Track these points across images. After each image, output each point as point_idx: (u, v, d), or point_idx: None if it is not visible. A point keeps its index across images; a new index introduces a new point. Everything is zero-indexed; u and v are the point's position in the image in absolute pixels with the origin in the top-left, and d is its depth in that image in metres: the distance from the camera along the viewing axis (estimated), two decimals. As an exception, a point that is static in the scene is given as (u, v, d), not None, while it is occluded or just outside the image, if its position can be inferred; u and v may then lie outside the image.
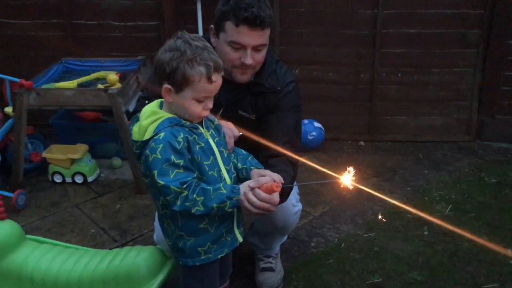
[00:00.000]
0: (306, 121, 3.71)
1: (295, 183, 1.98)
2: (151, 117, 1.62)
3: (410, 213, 2.90)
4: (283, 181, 1.67)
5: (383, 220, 2.85)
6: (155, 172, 1.54)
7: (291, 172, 1.89)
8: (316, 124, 3.70)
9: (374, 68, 3.68)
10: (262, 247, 2.36)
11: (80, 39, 3.87)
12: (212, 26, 1.95)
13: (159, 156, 1.53)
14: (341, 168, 1.66)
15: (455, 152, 3.69)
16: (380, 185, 3.26)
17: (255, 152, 1.95)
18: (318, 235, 2.75)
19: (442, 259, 2.51)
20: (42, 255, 2.24)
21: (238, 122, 1.97)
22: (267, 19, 1.82)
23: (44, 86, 3.23)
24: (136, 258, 2.09)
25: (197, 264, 1.71)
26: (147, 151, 1.56)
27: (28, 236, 2.39)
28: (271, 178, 1.65)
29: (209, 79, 1.56)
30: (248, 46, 1.84)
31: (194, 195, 1.55)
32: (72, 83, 3.20)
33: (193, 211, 1.57)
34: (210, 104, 1.64)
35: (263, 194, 1.60)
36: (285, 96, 2.01)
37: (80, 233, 2.80)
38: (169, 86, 1.59)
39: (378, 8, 3.52)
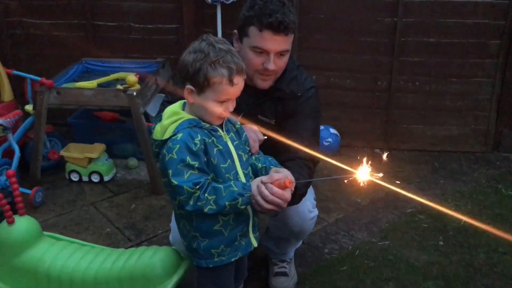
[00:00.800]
0: (322, 127, 3.69)
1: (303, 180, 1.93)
2: (172, 117, 1.64)
3: (425, 222, 2.89)
4: (292, 177, 1.67)
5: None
6: (170, 171, 1.56)
7: (305, 175, 1.89)
8: (332, 131, 3.70)
9: (392, 76, 3.67)
10: (276, 252, 2.36)
11: (101, 40, 3.92)
12: (235, 31, 1.96)
13: (175, 156, 1.55)
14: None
15: (471, 163, 3.66)
16: (394, 193, 3.23)
17: (274, 156, 1.96)
18: (332, 242, 2.74)
19: (458, 270, 2.48)
20: (59, 252, 2.27)
21: (258, 127, 1.98)
22: (291, 25, 1.84)
23: (64, 86, 3.28)
24: (152, 258, 2.11)
25: (210, 266, 1.72)
26: (164, 151, 1.58)
27: (45, 232, 2.43)
28: (285, 174, 1.66)
29: (231, 82, 1.58)
30: (271, 52, 1.85)
31: (206, 194, 1.57)
32: (92, 83, 3.24)
33: (205, 210, 1.58)
34: (231, 107, 1.66)
35: (275, 189, 1.60)
36: (305, 102, 2.02)
37: (95, 231, 2.83)
38: (191, 87, 1.61)
39: (397, 16, 3.51)
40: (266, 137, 1.95)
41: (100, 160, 3.32)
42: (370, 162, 1.65)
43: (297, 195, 1.82)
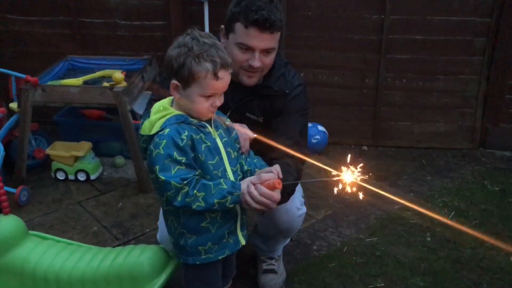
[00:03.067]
0: (310, 125, 3.69)
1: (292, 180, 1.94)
2: (159, 113, 1.63)
3: (413, 218, 2.90)
4: (281, 176, 1.66)
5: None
6: (157, 167, 1.55)
7: (294, 174, 1.88)
8: (320, 128, 3.70)
9: (379, 73, 3.68)
10: (265, 249, 2.35)
11: (87, 37, 3.88)
12: (222, 26, 1.95)
13: (162, 152, 1.54)
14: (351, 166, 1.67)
15: (458, 159, 3.69)
16: (382, 188, 3.24)
17: (262, 154, 1.95)
18: (320, 239, 2.75)
19: (445, 265, 2.50)
20: (45, 251, 2.24)
21: (246, 124, 1.97)
22: (277, 22, 1.82)
23: (50, 83, 3.24)
24: (139, 256, 2.09)
25: (197, 262, 1.71)
26: (151, 146, 1.57)
27: (31, 232, 2.39)
28: (274, 175, 1.64)
29: (216, 76, 1.57)
30: (256, 49, 1.84)
31: (195, 191, 1.55)
32: (77, 81, 3.20)
33: (193, 206, 1.57)
34: (218, 102, 1.64)
35: (264, 189, 1.60)
36: (293, 99, 2.01)
37: (82, 230, 2.80)
38: (176, 82, 1.59)
39: (385, 14, 3.52)
40: (255, 135, 1.94)
41: (86, 159, 3.28)
42: (352, 164, 1.64)
43: (285, 194, 1.82)
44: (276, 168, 1.68)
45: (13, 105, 3.20)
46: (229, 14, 1.88)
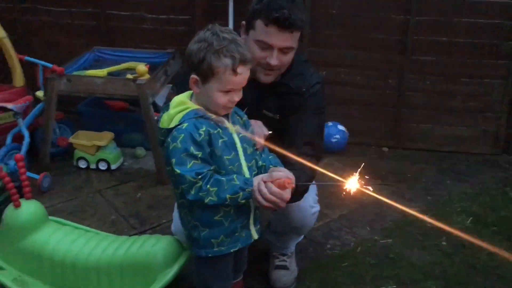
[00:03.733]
0: (330, 124, 3.70)
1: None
2: (179, 107, 1.65)
3: (429, 222, 2.87)
4: (293, 177, 1.68)
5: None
6: (174, 160, 1.58)
7: (308, 172, 1.89)
8: (340, 127, 3.69)
9: (402, 74, 3.64)
10: (277, 245, 2.37)
11: (113, 29, 3.95)
12: (243, 22, 1.96)
13: (179, 146, 1.57)
14: (361, 173, 1.67)
15: (480, 165, 3.63)
16: (401, 192, 3.24)
17: (276, 151, 1.96)
18: (334, 238, 2.74)
19: (459, 271, 2.47)
20: (63, 237, 2.30)
21: (263, 121, 1.98)
22: (297, 22, 1.82)
23: (75, 73, 3.31)
24: (154, 246, 2.13)
25: (209, 255, 1.74)
26: (169, 139, 1.60)
27: (50, 217, 2.46)
28: (286, 174, 1.66)
29: (234, 71, 1.58)
30: (275, 47, 1.84)
31: (208, 186, 1.58)
32: (102, 72, 3.27)
33: (206, 201, 1.59)
34: (237, 97, 1.66)
35: (274, 188, 1.61)
36: (309, 98, 2.01)
37: (100, 218, 2.86)
38: (196, 77, 1.61)
39: (410, 14, 3.48)
40: (270, 132, 1.96)
41: (108, 148, 3.35)
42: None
43: (298, 192, 1.82)
44: (287, 172, 1.69)
45: (40, 94, 3.28)
46: (250, 11, 1.89)
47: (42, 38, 4.04)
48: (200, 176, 1.57)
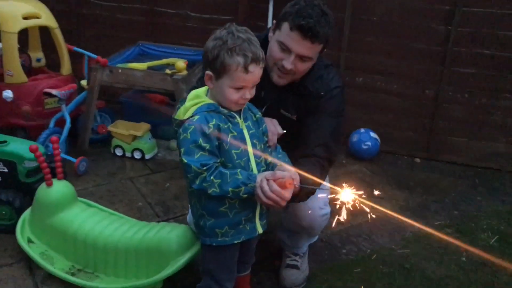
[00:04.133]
0: (362, 130, 3.69)
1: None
2: (194, 100, 1.73)
3: (452, 236, 2.83)
4: (298, 183, 1.73)
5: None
6: (183, 149, 1.66)
7: (317, 174, 1.92)
8: (372, 134, 3.67)
9: (440, 85, 3.58)
10: (289, 244, 2.40)
11: (159, 25, 4.10)
12: (274, 21, 2.02)
13: (189, 136, 1.64)
14: (389, 182, 1.68)
15: (515, 183, 3.51)
16: (426, 204, 3.18)
17: (292, 150, 2.01)
18: (351, 243, 2.75)
19: (474, 288, 2.43)
20: (88, 217, 2.44)
21: (280, 121, 2.04)
22: (320, 35, 1.86)
23: (119, 65, 3.47)
24: (168, 233, 2.23)
25: (214, 244, 1.81)
26: (180, 130, 1.68)
27: (80, 198, 2.62)
28: (289, 174, 1.70)
29: (246, 69, 1.64)
30: (293, 52, 1.89)
31: (212, 177, 1.65)
32: (142, 65, 3.42)
33: (209, 191, 1.66)
34: (248, 95, 1.71)
35: (275, 187, 1.66)
36: (328, 101, 2.04)
37: (128, 204, 2.99)
38: (210, 73, 1.69)
39: (452, 25, 3.42)
40: (285, 131, 2.00)
41: (143, 139, 3.50)
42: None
43: (304, 194, 1.86)
44: (294, 171, 1.74)
45: (84, 83, 3.48)
46: (282, 12, 1.95)
47: (94, 31, 4.26)
48: (205, 168, 1.64)
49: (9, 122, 3.39)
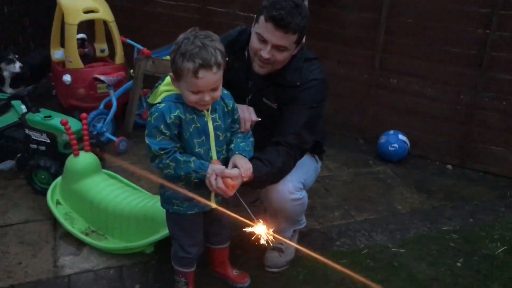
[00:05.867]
0: (391, 132, 3.68)
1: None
2: (166, 86, 1.90)
3: (455, 242, 2.77)
4: (249, 177, 1.90)
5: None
6: (146, 131, 1.85)
7: (278, 164, 2.06)
8: (401, 137, 3.64)
9: (476, 91, 3.46)
10: (274, 228, 2.52)
11: (210, 23, 4.39)
12: (255, 15, 2.19)
13: (152, 121, 1.83)
14: (411, 185, 1.77)
15: (551, 200, 3.30)
16: (442, 209, 3.12)
17: (270, 136, 2.16)
18: (347, 237, 2.80)
19: (457, 292, 2.38)
20: (106, 186, 2.78)
21: (262, 109, 2.20)
22: (292, 25, 1.98)
23: (164, 58, 3.81)
24: (162, 204, 2.48)
25: (170, 211, 2.02)
26: (149, 113, 1.89)
27: (104, 170, 2.97)
28: (239, 173, 1.87)
29: (195, 74, 1.72)
30: (269, 42, 2.03)
31: (168, 161, 1.83)
32: (182, 58, 3.71)
33: (165, 171, 1.86)
34: (208, 97, 1.79)
35: (220, 184, 1.84)
36: (303, 91, 2.15)
37: (152, 182, 3.27)
38: (172, 75, 1.83)
39: (490, 29, 3.30)
40: (259, 119, 2.15)
41: (181, 126, 3.79)
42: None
43: (257, 183, 2.02)
44: (244, 168, 1.89)
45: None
46: (260, 6, 2.11)
47: (153, 27, 4.66)
48: (163, 152, 1.82)
49: (69, 103, 3.88)
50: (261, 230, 1.84)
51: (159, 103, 1.87)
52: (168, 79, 1.94)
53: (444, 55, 3.51)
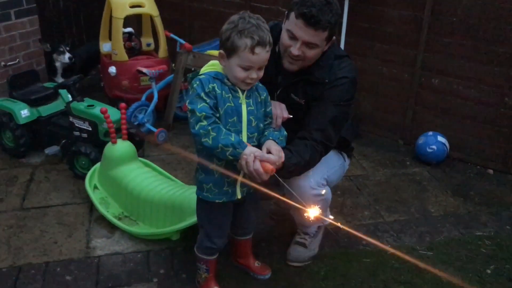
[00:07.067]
0: (430, 133, 3.59)
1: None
2: (209, 66, 1.99)
3: (488, 248, 2.68)
4: (280, 163, 1.93)
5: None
6: (188, 100, 1.91)
7: (305, 156, 2.07)
8: (440, 138, 3.54)
9: (522, 93, 3.32)
10: (298, 223, 2.54)
11: (253, 19, 4.44)
12: (286, 12, 2.21)
13: (194, 89, 1.89)
14: (447, 188, 1.80)
15: None
16: (479, 215, 3.02)
17: (297, 133, 2.19)
18: (374, 237, 2.77)
19: (483, 299, 2.31)
20: (140, 174, 2.89)
21: (290, 104, 2.22)
22: (322, 22, 1.99)
23: (206, 52, 3.90)
24: (191, 194, 2.55)
25: (200, 196, 2.08)
26: (190, 85, 1.95)
27: (140, 158, 3.09)
28: (276, 160, 1.91)
29: (252, 50, 1.83)
30: (299, 39, 2.04)
31: (209, 128, 1.86)
32: (221, 52, 3.78)
33: (203, 139, 1.87)
34: (255, 74, 1.90)
35: (257, 166, 1.86)
36: (332, 89, 2.15)
37: (187, 172, 3.37)
38: (223, 52, 1.91)
39: (539, 29, 3.16)
40: (291, 116, 2.17)
41: (219, 119, 3.87)
42: None
43: (285, 172, 2.02)
44: (278, 155, 1.93)
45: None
46: (291, 3, 2.14)
47: (201, 22, 4.77)
48: (204, 114, 1.85)
49: (114, 94, 4.05)
50: (314, 212, 1.91)
51: (200, 75, 1.95)
52: (211, 62, 2.01)
53: (489, 55, 3.38)
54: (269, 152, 1.96)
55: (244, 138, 1.99)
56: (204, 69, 1.99)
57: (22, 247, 2.58)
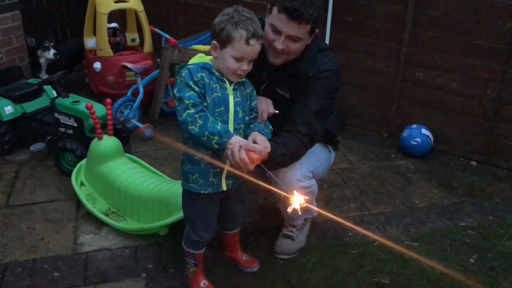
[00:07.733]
0: (414, 126, 3.64)
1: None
2: (197, 58, 2.01)
3: (471, 238, 2.73)
4: (265, 153, 1.95)
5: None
6: (176, 88, 1.93)
7: (292, 147, 2.09)
8: (424, 131, 3.59)
9: (504, 86, 3.37)
10: (285, 216, 2.56)
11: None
12: (269, 6, 2.22)
13: (182, 78, 1.92)
14: (431, 180, 1.81)
15: None
16: (461, 205, 3.07)
17: (282, 125, 2.20)
18: (361, 228, 2.80)
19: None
20: (127, 169, 2.89)
21: (276, 98, 2.23)
22: (305, 16, 2.01)
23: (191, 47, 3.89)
24: (178, 189, 2.53)
25: (185, 188, 2.09)
26: (178, 74, 1.97)
27: (126, 154, 3.08)
28: (262, 149, 1.92)
29: (247, 42, 1.88)
30: (283, 33, 2.06)
31: (196, 116, 1.88)
32: (207, 47, 3.78)
33: (190, 127, 1.89)
34: (246, 66, 1.94)
35: (243, 155, 1.87)
36: (315, 82, 2.18)
37: (174, 168, 3.36)
38: (216, 43, 1.94)
39: (520, 22, 3.21)
40: (277, 112, 2.19)
41: (205, 114, 3.87)
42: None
43: (272, 162, 2.03)
44: (264, 146, 1.95)
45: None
46: None
47: (186, 17, 4.76)
48: (193, 102, 1.88)
49: (100, 90, 4.03)
50: (298, 199, 1.91)
51: (188, 64, 1.96)
52: (199, 54, 2.04)
53: (471, 48, 3.43)
54: (255, 142, 1.97)
55: (231, 129, 2.01)
56: (192, 61, 2.00)
57: (8, 245, 2.57)
